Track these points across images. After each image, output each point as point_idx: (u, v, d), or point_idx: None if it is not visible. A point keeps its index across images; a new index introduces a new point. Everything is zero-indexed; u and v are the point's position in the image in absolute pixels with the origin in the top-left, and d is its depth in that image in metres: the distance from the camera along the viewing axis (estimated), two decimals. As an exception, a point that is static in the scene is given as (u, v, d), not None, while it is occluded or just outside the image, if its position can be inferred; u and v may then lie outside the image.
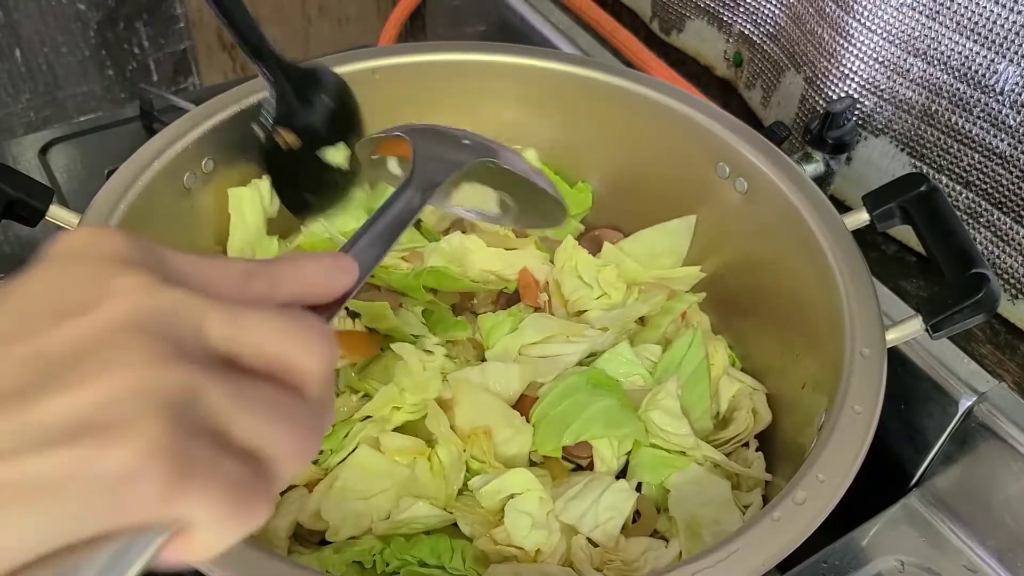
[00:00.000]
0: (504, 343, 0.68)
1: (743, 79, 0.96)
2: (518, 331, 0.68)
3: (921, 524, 0.67)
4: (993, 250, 0.73)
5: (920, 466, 0.69)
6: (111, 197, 0.61)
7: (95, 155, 0.94)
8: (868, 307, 0.58)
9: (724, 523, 0.60)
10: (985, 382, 0.65)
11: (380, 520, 0.59)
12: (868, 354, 0.56)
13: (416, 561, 0.56)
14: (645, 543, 0.59)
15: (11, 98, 1.17)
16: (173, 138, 0.65)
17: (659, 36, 1.05)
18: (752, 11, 0.92)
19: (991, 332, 0.72)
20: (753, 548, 0.46)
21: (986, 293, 0.55)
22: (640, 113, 0.74)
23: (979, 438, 0.65)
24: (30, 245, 0.84)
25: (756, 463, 0.65)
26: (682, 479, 0.62)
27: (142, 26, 1.21)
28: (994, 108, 0.69)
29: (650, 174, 0.77)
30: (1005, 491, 0.65)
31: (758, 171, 0.68)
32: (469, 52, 0.76)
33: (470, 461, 0.62)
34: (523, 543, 0.57)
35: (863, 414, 0.53)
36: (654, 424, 0.63)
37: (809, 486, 0.49)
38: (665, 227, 0.76)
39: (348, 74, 0.70)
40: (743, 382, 0.69)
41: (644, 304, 0.72)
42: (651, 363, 0.69)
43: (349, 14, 1.34)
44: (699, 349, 0.68)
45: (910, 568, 0.64)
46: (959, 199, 0.74)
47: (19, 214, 0.59)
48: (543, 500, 0.59)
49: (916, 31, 0.72)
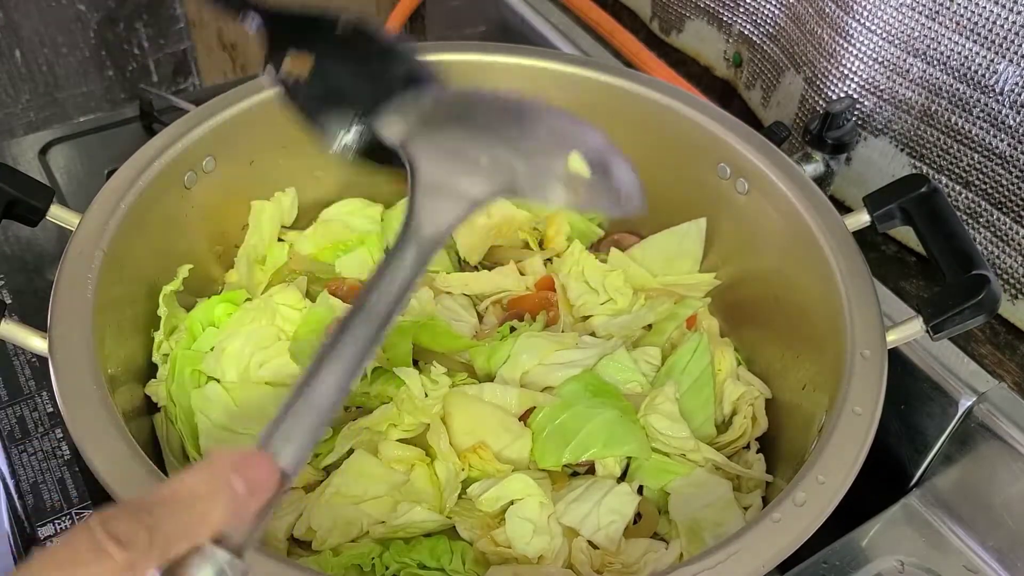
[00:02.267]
0: (502, 374, 0.67)
1: (743, 79, 0.96)
2: (511, 359, 0.66)
3: (921, 524, 0.67)
4: (993, 250, 0.73)
5: (920, 466, 0.69)
6: (111, 197, 0.61)
7: (95, 155, 0.94)
8: (869, 308, 0.58)
9: (726, 525, 0.60)
10: (985, 382, 0.65)
11: (373, 525, 0.59)
12: (869, 355, 0.56)
13: (415, 564, 0.56)
14: (645, 545, 0.59)
15: (11, 98, 1.17)
16: (173, 138, 0.65)
17: (659, 36, 1.05)
18: (752, 11, 0.92)
19: (991, 332, 0.72)
20: (753, 549, 0.46)
21: (987, 294, 0.55)
22: (640, 114, 0.74)
23: (979, 438, 0.65)
24: (30, 245, 0.84)
25: (756, 464, 0.65)
26: (683, 481, 0.62)
27: (142, 26, 1.21)
28: (994, 108, 0.69)
29: (650, 176, 0.76)
30: (1005, 491, 0.65)
31: (758, 172, 0.68)
32: (469, 52, 0.76)
33: (469, 470, 0.62)
34: (525, 550, 0.57)
35: (863, 416, 0.53)
36: (653, 428, 0.63)
37: (809, 487, 0.49)
38: (676, 231, 0.76)
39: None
40: (751, 384, 0.69)
41: (651, 312, 0.72)
42: (651, 367, 0.69)
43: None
44: (704, 354, 0.67)
45: (910, 568, 0.64)
46: (959, 199, 0.74)
47: (19, 214, 0.59)
48: (543, 505, 0.59)
49: (916, 31, 0.72)
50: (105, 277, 0.57)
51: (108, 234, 0.59)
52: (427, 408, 0.63)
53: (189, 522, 0.32)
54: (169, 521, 0.32)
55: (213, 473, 0.33)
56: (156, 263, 0.66)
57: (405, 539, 0.58)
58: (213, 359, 0.64)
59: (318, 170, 0.76)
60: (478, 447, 0.61)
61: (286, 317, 0.67)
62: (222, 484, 0.33)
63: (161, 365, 0.66)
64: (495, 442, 0.62)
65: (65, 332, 0.53)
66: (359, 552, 0.57)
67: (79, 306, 0.55)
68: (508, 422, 0.63)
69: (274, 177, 0.75)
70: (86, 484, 0.66)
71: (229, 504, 0.33)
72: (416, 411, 0.63)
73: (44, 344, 0.53)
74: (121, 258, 0.59)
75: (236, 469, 0.34)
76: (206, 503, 0.33)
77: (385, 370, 0.65)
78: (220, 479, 0.33)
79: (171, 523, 0.32)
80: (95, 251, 0.58)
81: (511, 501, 0.59)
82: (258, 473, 0.34)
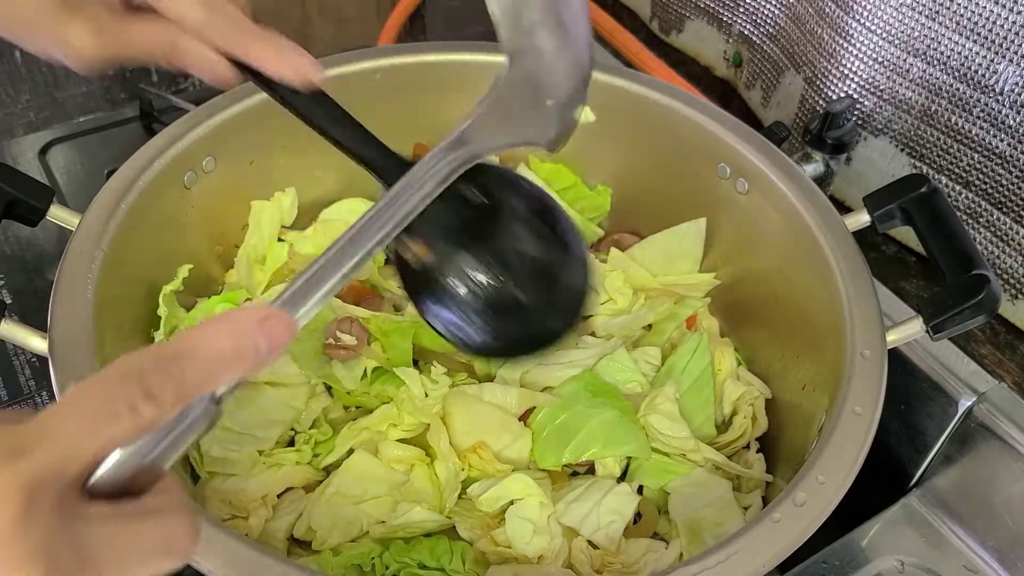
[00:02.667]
0: (502, 374, 0.67)
1: (743, 79, 0.96)
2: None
3: (921, 524, 0.67)
4: (993, 250, 0.73)
5: (920, 466, 0.69)
6: (111, 197, 0.61)
7: (95, 155, 0.94)
8: (869, 308, 0.58)
9: (726, 525, 0.60)
10: (985, 382, 0.65)
11: (373, 525, 0.59)
12: (869, 355, 0.56)
13: (415, 564, 0.56)
14: (645, 545, 0.59)
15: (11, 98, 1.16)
16: (173, 138, 0.65)
17: (659, 36, 1.05)
18: (752, 11, 0.92)
19: (991, 332, 0.72)
20: (753, 549, 0.46)
21: (987, 294, 0.55)
22: (640, 114, 0.74)
23: (979, 438, 0.65)
24: (30, 245, 0.84)
25: (756, 464, 0.65)
26: (683, 481, 0.62)
27: (142, 26, 1.20)
28: (994, 108, 0.69)
29: (650, 176, 0.77)
30: (1005, 491, 0.64)
31: (758, 172, 0.68)
32: (469, 52, 0.76)
33: (469, 470, 0.62)
34: (525, 550, 0.57)
35: (863, 416, 0.53)
36: (653, 428, 0.63)
37: (809, 487, 0.49)
38: (676, 231, 0.76)
39: (348, 75, 0.70)
40: (751, 384, 0.69)
41: (650, 312, 0.72)
42: (651, 367, 0.69)
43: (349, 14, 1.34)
44: (704, 355, 0.67)
45: (910, 568, 0.64)
46: (959, 199, 0.74)
47: (19, 214, 0.59)
48: (543, 505, 0.59)
49: (916, 31, 0.72)
50: (105, 277, 0.57)
51: (108, 234, 0.59)
52: (427, 408, 0.63)
53: (210, 378, 0.33)
54: (193, 376, 0.32)
55: (240, 330, 0.34)
56: (156, 263, 0.66)
57: (405, 539, 0.58)
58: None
59: (318, 170, 0.76)
60: (478, 447, 0.61)
61: (286, 317, 0.67)
62: (248, 342, 0.33)
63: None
64: (495, 442, 0.62)
65: (65, 332, 0.53)
66: (359, 552, 0.57)
67: (79, 306, 0.55)
68: (508, 422, 0.63)
69: (274, 177, 0.75)
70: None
71: (251, 362, 0.33)
72: (416, 411, 0.63)
73: (44, 344, 0.53)
74: (121, 258, 0.59)
75: (261, 327, 0.34)
76: (229, 361, 0.33)
77: (385, 370, 0.65)
78: (247, 337, 0.33)
79: (194, 378, 0.32)
80: (95, 251, 0.58)
81: (511, 501, 0.59)
82: (280, 331, 0.35)
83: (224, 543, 0.45)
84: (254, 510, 0.59)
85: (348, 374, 0.65)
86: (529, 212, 0.51)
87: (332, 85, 0.51)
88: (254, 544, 0.45)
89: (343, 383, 0.64)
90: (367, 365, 0.65)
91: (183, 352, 0.32)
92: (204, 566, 0.44)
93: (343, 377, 0.65)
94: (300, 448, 0.63)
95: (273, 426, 0.63)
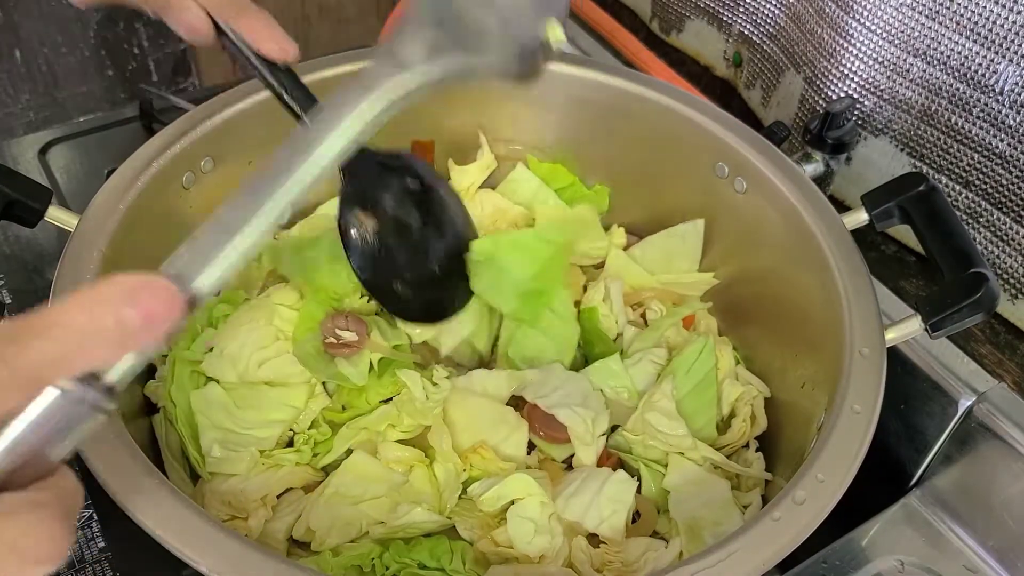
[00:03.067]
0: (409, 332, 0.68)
1: (743, 79, 0.96)
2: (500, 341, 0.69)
3: (921, 524, 0.67)
4: (993, 250, 0.73)
5: (920, 466, 0.69)
6: (111, 197, 0.61)
7: (95, 155, 0.94)
8: (867, 307, 0.58)
9: (725, 524, 0.60)
10: (985, 382, 0.65)
11: (372, 526, 0.59)
12: (867, 354, 0.56)
13: (415, 564, 0.56)
14: (645, 543, 0.59)
15: (11, 98, 1.17)
16: (173, 138, 0.66)
17: (659, 36, 1.05)
18: (752, 11, 0.92)
19: (991, 332, 0.72)
20: (753, 548, 0.46)
21: (985, 292, 0.55)
22: (640, 113, 0.74)
23: (979, 438, 0.65)
24: (30, 245, 0.84)
25: (756, 463, 0.65)
26: (682, 480, 0.62)
27: (142, 26, 1.21)
28: (994, 108, 0.69)
29: (650, 175, 0.77)
30: (1005, 491, 0.64)
31: (758, 171, 0.68)
32: (468, 52, 0.76)
33: (471, 470, 0.62)
34: (526, 550, 0.57)
35: (863, 414, 0.53)
36: (651, 425, 0.63)
37: (809, 486, 0.49)
38: (675, 231, 0.76)
39: (348, 75, 0.70)
40: (750, 383, 0.69)
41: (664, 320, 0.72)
42: (657, 366, 0.69)
43: (349, 14, 1.34)
44: (709, 357, 0.67)
45: (910, 568, 0.64)
46: (959, 199, 0.74)
47: (17, 215, 0.59)
48: (544, 504, 0.59)
49: (916, 31, 0.72)
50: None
51: (107, 234, 0.59)
52: (427, 411, 0.63)
53: (63, 356, 0.29)
54: (38, 353, 0.28)
55: (101, 303, 0.30)
56: (155, 263, 0.65)
57: (405, 539, 0.58)
58: (212, 360, 0.64)
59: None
60: (479, 447, 0.61)
61: (284, 317, 0.67)
62: (110, 318, 0.29)
63: (160, 366, 0.66)
64: (493, 436, 0.62)
65: (64, 332, 0.53)
66: (359, 552, 0.57)
67: (78, 306, 0.55)
68: (504, 414, 0.63)
69: (273, 177, 0.75)
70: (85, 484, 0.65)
71: (115, 339, 0.30)
72: (416, 413, 0.63)
73: (43, 344, 0.53)
74: (120, 258, 0.59)
75: (130, 299, 0.30)
76: (86, 337, 0.29)
77: (391, 360, 0.65)
78: (108, 311, 0.29)
79: (39, 355, 0.29)
80: (94, 251, 0.58)
81: (512, 501, 0.59)
82: (156, 303, 0.30)
83: (224, 544, 0.45)
84: (254, 511, 0.59)
85: (355, 370, 0.64)
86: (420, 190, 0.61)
87: (332, 85, 0.51)
88: (254, 544, 0.45)
89: (352, 380, 0.64)
90: (371, 358, 0.65)
91: (31, 326, 0.29)
92: (204, 566, 0.44)
93: (350, 374, 0.64)
94: (299, 448, 0.63)
95: (273, 426, 0.63)
